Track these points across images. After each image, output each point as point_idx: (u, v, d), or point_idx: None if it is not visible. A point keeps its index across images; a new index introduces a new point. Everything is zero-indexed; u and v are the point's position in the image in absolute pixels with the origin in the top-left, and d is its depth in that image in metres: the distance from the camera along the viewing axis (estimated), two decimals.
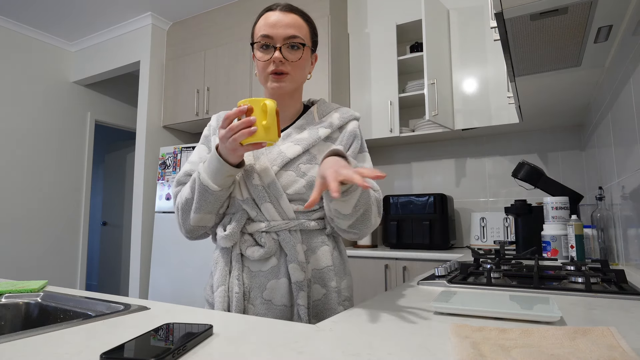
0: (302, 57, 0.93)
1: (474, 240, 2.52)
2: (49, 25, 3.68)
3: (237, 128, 0.76)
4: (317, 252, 0.92)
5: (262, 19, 0.94)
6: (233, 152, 0.80)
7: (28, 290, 0.91)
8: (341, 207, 0.81)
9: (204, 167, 0.87)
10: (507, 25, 1.14)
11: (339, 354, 0.47)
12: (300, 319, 0.87)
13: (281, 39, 0.91)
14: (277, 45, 0.91)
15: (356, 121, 1.01)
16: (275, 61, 0.90)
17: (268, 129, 0.76)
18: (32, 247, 3.67)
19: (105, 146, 5.24)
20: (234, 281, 0.89)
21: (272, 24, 0.92)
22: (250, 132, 0.75)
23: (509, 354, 0.45)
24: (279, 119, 0.81)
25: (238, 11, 3.19)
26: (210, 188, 0.85)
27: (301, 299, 0.87)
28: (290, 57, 0.92)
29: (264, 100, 0.77)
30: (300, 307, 0.87)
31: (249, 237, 0.91)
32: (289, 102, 0.99)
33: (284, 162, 0.91)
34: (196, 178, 0.88)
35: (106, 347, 0.51)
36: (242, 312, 0.89)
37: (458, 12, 2.57)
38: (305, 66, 0.96)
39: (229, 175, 0.85)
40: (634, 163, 1.28)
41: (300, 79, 0.96)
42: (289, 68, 0.92)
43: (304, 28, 0.95)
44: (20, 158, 3.64)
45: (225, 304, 0.89)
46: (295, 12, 0.95)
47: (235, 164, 0.84)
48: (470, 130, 2.51)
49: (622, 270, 0.97)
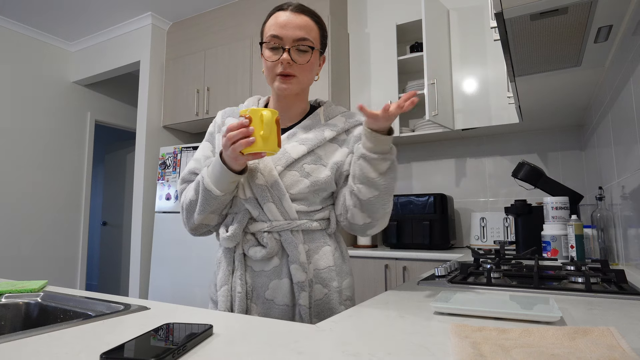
0: (311, 60, 0.93)
1: (474, 240, 2.52)
2: (49, 25, 3.67)
3: (235, 138, 0.77)
4: (319, 253, 0.92)
5: (273, 18, 0.93)
6: (235, 161, 0.81)
7: (28, 290, 0.91)
8: (377, 165, 0.84)
9: (207, 172, 0.88)
10: (507, 25, 1.14)
11: (339, 354, 0.47)
12: (302, 318, 0.87)
13: (290, 40, 0.90)
14: (286, 47, 0.90)
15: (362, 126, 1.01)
16: (283, 63, 0.90)
17: (266, 139, 0.77)
18: (32, 247, 3.67)
19: (105, 146, 5.23)
20: (236, 281, 0.89)
21: (282, 24, 0.91)
22: (248, 142, 0.76)
23: (509, 354, 0.45)
24: (280, 128, 0.81)
25: (238, 11, 3.19)
26: (213, 193, 0.87)
27: (303, 299, 0.87)
28: (299, 60, 0.91)
29: (262, 110, 0.78)
30: (301, 307, 0.87)
31: (252, 237, 0.91)
32: (295, 102, 1.00)
33: (288, 162, 0.91)
34: (200, 181, 0.89)
35: (106, 347, 0.51)
36: (245, 312, 0.89)
37: (458, 12, 2.57)
38: (313, 69, 0.95)
39: (231, 182, 0.86)
40: (634, 163, 1.28)
41: (307, 81, 0.96)
42: (297, 70, 0.91)
43: (314, 30, 0.94)
44: (20, 158, 3.64)
45: (228, 303, 0.89)
46: (306, 13, 0.94)
47: (238, 171, 0.85)
48: (470, 130, 2.51)
49: (622, 270, 0.97)
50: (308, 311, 0.87)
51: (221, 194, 0.87)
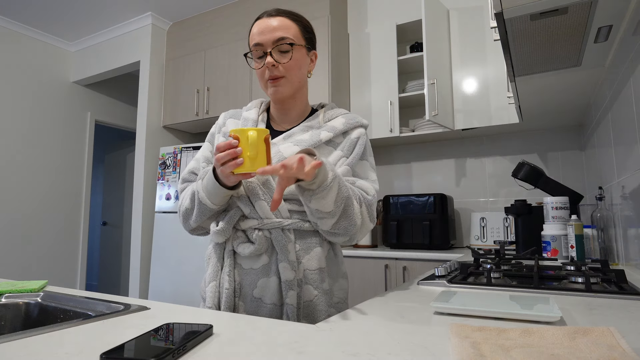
0: (293, 57, 0.93)
1: (474, 240, 2.52)
2: (49, 25, 3.67)
3: (223, 159, 0.76)
4: (310, 253, 0.91)
5: (254, 28, 0.95)
6: (227, 179, 0.81)
7: (28, 290, 0.91)
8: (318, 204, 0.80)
9: (202, 185, 0.88)
10: (507, 25, 1.14)
11: (339, 354, 0.47)
12: (289, 318, 0.86)
13: (270, 43, 0.91)
14: (267, 51, 0.91)
15: (362, 129, 1.00)
16: (268, 66, 0.91)
17: (253, 159, 0.76)
18: (32, 247, 3.67)
19: (105, 146, 5.23)
20: (224, 277, 0.89)
21: (261, 31, 0.92)
22: (235, 164, 0.76)
23: (509, 354, 0.45)
24: (269, 147, 0.79)
25: (238, 11, 3.19)
26: (208, 206, 0.88)
27: (290, 299, 0.86)
28: (282, 60, 0.92)
29: (249, 130, 0.76)
30: (289, 307, 0.86)
31: (242, 234, 0.91)
32: (292, 104, 0.99)
33: (280, 161, 0.90)
34: (195, 194, 0.90)
35: (106, 347, 0.51)
36: (232, 309, 0.89)
37: (458, 12, 2.57)
38: (300, 66, 0.95)
39: (224, 196, 0.87)
40: (634, 163, 1.28)
41: (297, 80, 0.95)
42: (284, 71, 0.92)
43: (292, 27, 0.94)
44: (20, 158, 3.64)
45: (215, 299, 0.89)
46: (282, 14, 0.95)
47: (230, 186, 0.85)
48: (470, 130, 2.51)
49: (622, 270, 0.97)
50: (296, 311, 0.86)
51: (215, 206, 0.89)
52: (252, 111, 1.03)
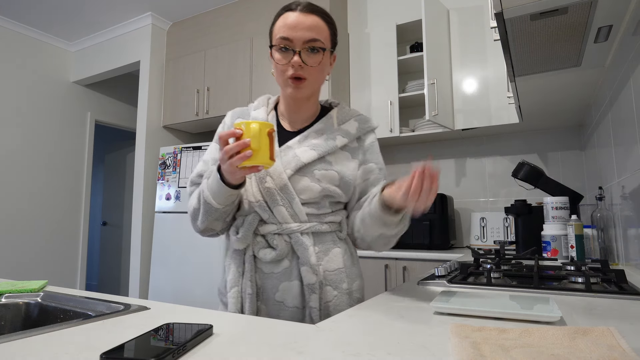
0: (322, 61, 0.91)
1: (474, 240, 2.52)
2: (48, 25, 3.67)
3: (231, 152, 0.75)
4: (329, 254, 0.92)
5: (281, 20, 0.90)
6: (232, 175, 0.80)
7: (28, 290, 0.91)
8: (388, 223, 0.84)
9: (207, 185, 0.88)
10: (507, 25, 1.14)
11: (339, 354, 0.47)
12: (312, 320, 0.87)
13: (301, 42, 0.87)
14: (296, 49, 0.88)
15: (373, 133, 1.03)
16: (294, 65, 0.88)
17: (257, 152, 0.75)
18: (32, 247, 3.67)
19: (105, 146, 5.23)
20: (246, 282, 0.89)
21: (292, 25, 0.88)
22: (244, 156, 0.74)
23: (509, 354, 0.45)
24: (273, 141, 0.78)
25: (238, 11, 3.19)
26: (213, 206, 0.87)
27: (313, 301, 0.87)
28: (310, 62, 0.89)
29: (252, 123, 0.76)
30: (312, 310, 0.87)
31: (262, 239, 0.91)
32: (306, 105, 0.99)
33: (298, 166, 0.90)
34: (201, 193, 0.89)
35: (106, 347, 0.51)
36: (255, 313, 0.89)
37: (458, 12, 2.57)
38: (324, 70, 0.94)
39: (229, 195, 0.86)
40: (634, 163, 1.27)
41: (318, 83, 0.94)
42: (308, 73, 0.89)
43: (325, 30, 0.91)
44: (20, 158, 3.64)
45: (238, 304, 0.89)
46: (316, 12, 0.91)
47: (235, 185, 0.84)
48: (470, 130, 2.51)
49: (622, 270, 0.97)
50: (318, 313, 0.87)
51: (221, 207, 0.87)
52: (260, 110, 1.01)
